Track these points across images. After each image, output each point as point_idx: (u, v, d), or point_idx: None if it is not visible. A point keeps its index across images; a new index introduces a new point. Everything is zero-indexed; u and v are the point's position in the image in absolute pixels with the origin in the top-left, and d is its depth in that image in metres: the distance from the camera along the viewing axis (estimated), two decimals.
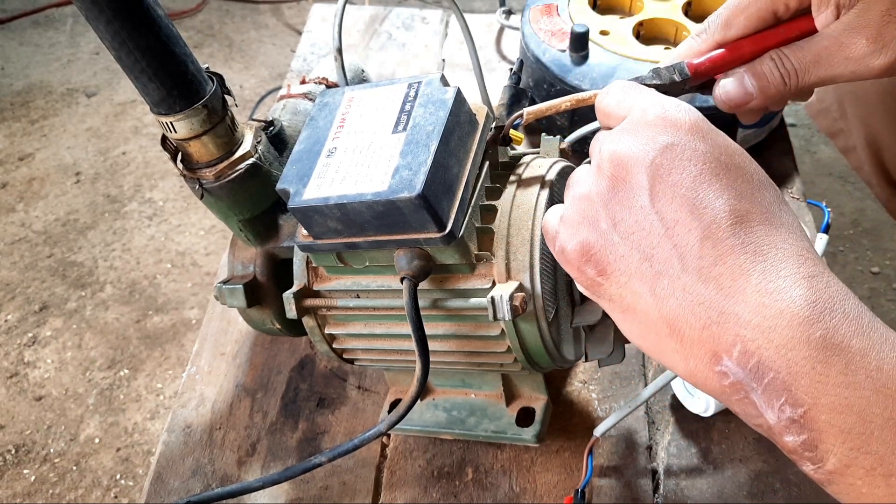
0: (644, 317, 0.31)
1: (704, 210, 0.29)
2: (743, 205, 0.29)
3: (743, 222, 0.29)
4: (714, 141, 0.31)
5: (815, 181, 1.70)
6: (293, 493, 0.60)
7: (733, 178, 0.30)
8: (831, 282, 0.28)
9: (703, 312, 0.28)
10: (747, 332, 0.27)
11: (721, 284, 0.28)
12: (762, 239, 0.29)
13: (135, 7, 0.41)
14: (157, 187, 1.85)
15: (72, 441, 1.37)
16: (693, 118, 0.32)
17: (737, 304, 0.28)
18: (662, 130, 0.31)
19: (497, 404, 0.58)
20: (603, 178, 0.32)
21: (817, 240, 0.67)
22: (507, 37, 1.01)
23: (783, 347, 0.26)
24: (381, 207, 0.41)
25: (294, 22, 2.33)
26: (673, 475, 0.57)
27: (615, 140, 0.32)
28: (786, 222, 0.30)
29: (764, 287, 0.27)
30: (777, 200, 0.31)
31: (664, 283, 0.30)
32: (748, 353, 0.27)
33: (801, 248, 0.29)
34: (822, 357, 0.26)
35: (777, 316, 0.27)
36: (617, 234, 0.31)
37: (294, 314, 0.50)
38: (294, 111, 0.58)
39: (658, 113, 0.32)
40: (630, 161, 0.31)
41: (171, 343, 1.51)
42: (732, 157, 0.31)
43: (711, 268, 0.28)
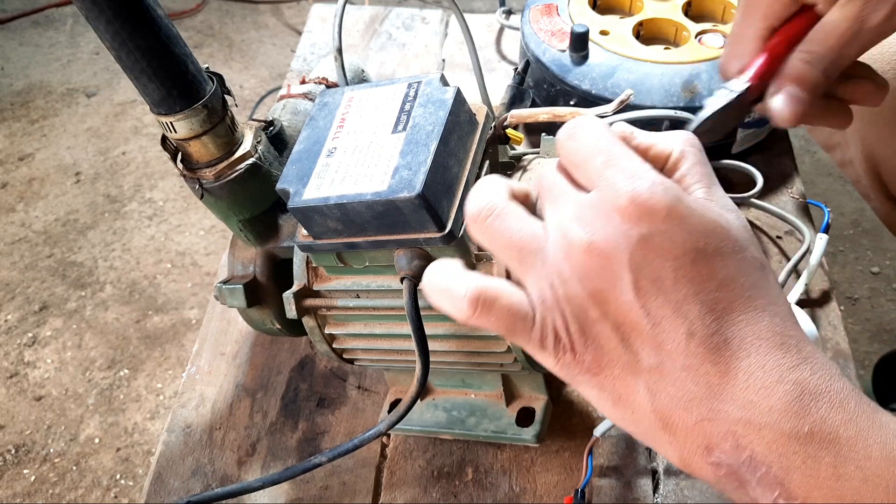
0: (636, 408, 0.31)
1: (688, 307, 0.29)
2: (725, 294, 0.29)
3: (725, 314, 0.29)
4: (691, 226, 0.29)
5: (815, 181, 1.70)
6: (293, 493, 0.60)
7: (714, 265, 0.29)
8: (816, 366, 0.29)
9: (694, 409, 0.29)
10: (738, 428, 0.28)
11: (710, 382, 0.29)
12: (745, 331, 0.29)
13: (135, 7, 0.41)
14: (157, 187, 1.85)
15: (72, 441, 1.37)
16: (667, 202, 0.29)
17: (726, 403, 0.28)
18: (637, 220, 0.29)
19: (497, 404, 0.58)
20: (580, 264, 0.30)
21: (817, 240, 0.68)
22: (507, 37, 1.01)
23: (774, 443, 0.28)
24: (381, 207, 0.41)
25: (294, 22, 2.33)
26: (673, 475, 0.57)
27: (586, 224, 0.30)
28: (768, 302, 0.30)
29: (751, 384, 0.28)
30: (759, 275, 0.30)
31: (655, 377, 0.30)
32: (740, 448, 0.28)
33: (785, 334, 0.29)
34: (812, 451, 0.27)
35: (766, 413, 0.28)
36: (609, 323, 0.30)
37: (294, 314, 0.50)
38: (294, 111, 0.58)
39: (630, 197, 0.29)
40: (608, 254, 0.29)
41: (171, 343, 1.51)
42: (710, 240, 0.29)
43: (699, 366, 0.29)
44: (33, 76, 2.20)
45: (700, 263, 0.29)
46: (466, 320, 0.32)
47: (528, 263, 0.32)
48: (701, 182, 0.32)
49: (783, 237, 0.73)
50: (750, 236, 0.31)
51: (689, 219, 0.29)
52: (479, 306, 0.32)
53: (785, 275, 0.67)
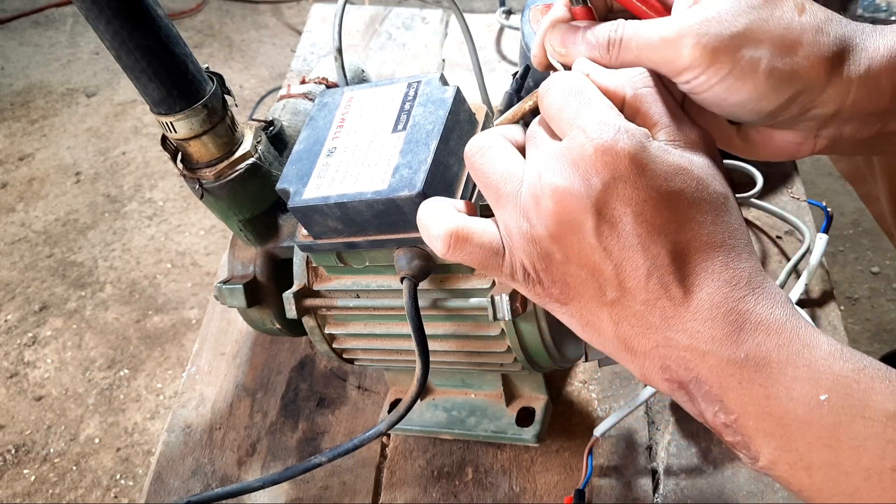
0: (602, 333, 0.34)
1: (647, 249, 0.31)
2: (684, 235, 0.32)
3: (685, 254, 0.32)
4: (653, 171, 0.31)
5: (816, 181, 1.70)
6: (293, 493, 0.60)
7: (675, 208, 0.31)
8: (760, 297, 0.31)
9: (651, 336, 0.32)
10: (686, 353, 0.32)
11: (665, 315, 0.32)
12: (701, 267, 0.32)
13: (135, 7, 0.41)
14: (157, 187, 1.85)
15: (72, 441, 1.37)
16: (629, 149, 0.31)
17: (678, 332, 0.32)
18: (602, 167, 0.31)
19: (497, 404, 0.58)
20: (547, 207, 0.32)
21: (817, 240, 0.67)
22: (506, 37, 1.01)
23: (714, 367, 0.31)
24: (381, 206, 0.41)
25: (294, 22, 2.33)
26: (673, 475, 0.57)
27: (555, 171, 0.32)
28: (726, 237, 0.32)
29: (699, 316, 0.31)
30: (721, 210, 0.32)
31: (618, 309, 0.33)
32: (688, 370, 0.32)
33: (737, 268, 0.32)
34: (746, 375, 0.30)
35: (709, 341, 0.31)
36: (573, 264, 0.33)
37: (294, 314, 0.50)
38: (294, 111, 0.58)
39: (595, 145, 0.31)
40: (572, 200, 0.32)
41: (171, 343, 1.51)
42: (672, 184, 0.31)
43: (656, 301, 0.32)
44: (33, 76, 2.20)
45: (661, 207, 0.31)
46: (443, 256, 0.35)
47: (503, 202, 0.34)
48: (661, 122, 0.33)
49: (783, 237, 0.73)
50: (712, 170, 0.33)
51: (650, 164, 0.31)
52: (453, 243, 0.35)
53: (785, 275, 0.67)
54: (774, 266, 0.71)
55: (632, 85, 0.34)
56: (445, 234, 0.35)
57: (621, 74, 0.34)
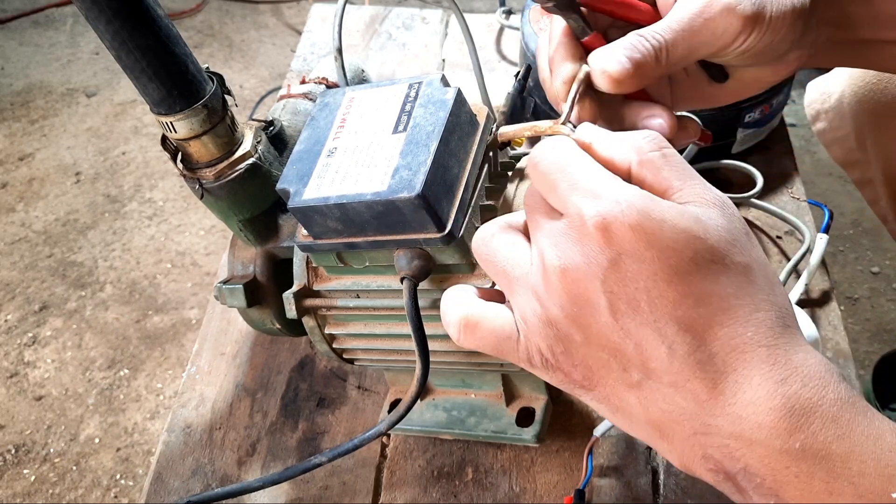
0: (634, 418, 0.32)
1: (666, 327, 0.29)
2: (703, 310, 0.29)
3: (706, 330, 0.29)
4: (661, 242, 0.29)
5: (816, 181, 1.70)
6: (293, 493, 0.60)
7: (689, 280, 0.29)
8: (807, 377, 0.28)
9: (686, 422, 0.30)
10: (730, 441, 0.29)
11: (698, 398, 0.29)
12: (729, 345, 0.29)
13: (135, 7, 0.41)
14: (157, 187, 1.85)
15: (72, 441, 1.37)
16: (632, 221, 0.29)
17: (717, 418, 0.29)
18: (605, 243, 0.29)
19: (497, 404, 0.58)
20: (558, 289, 0.31)
21: (817, 240, 0.67)
22: (507, 37, 1.01)
23: (766, 458, 0.28)
24: (381, 207, 0.41)
25: (294, 22, 2.33)
26: (673, 475, 0.57)
27: (560, 252, 0.31)
28: (753, 309, 0.29)
29: (739, 399, 0.28)
30: (742, 280, 0.30)
31: (646, 393, 0.30)
32: (735, 459, 0.29)
33: (771, 344, 0.29)
34: (805, 468, 0.27)
35: (755, 429, 0.28)
36: (594, 346, 0.31)
37: (294, 314, 0.50)
38: (294, 111, 0.58)
39: (595, 222, 0.29)
40: (581, 278, 0.30)
41: (171, 343, 1.51)
42: (683, 255, 0.29)
43: (686, 382, 0.29)
44: (33, 76, 2.20)
45: (674, 281, 0.29)
46: (457, 343, 0.35)
47: (514, 287, 0.33)
48: (670, 185, 0.31)
49: (783, 237, 0.73)
50: (731, 236, 0.30)
51: (657, 235, 0.29)
52: (463, 329, 0.35)
53: (785, 275, 0.67)
54: (774, 266, 0.71)
55: (638, 150, 0.32)
56: (456, 321, 0.35)
57: (626, 140, 0.33)
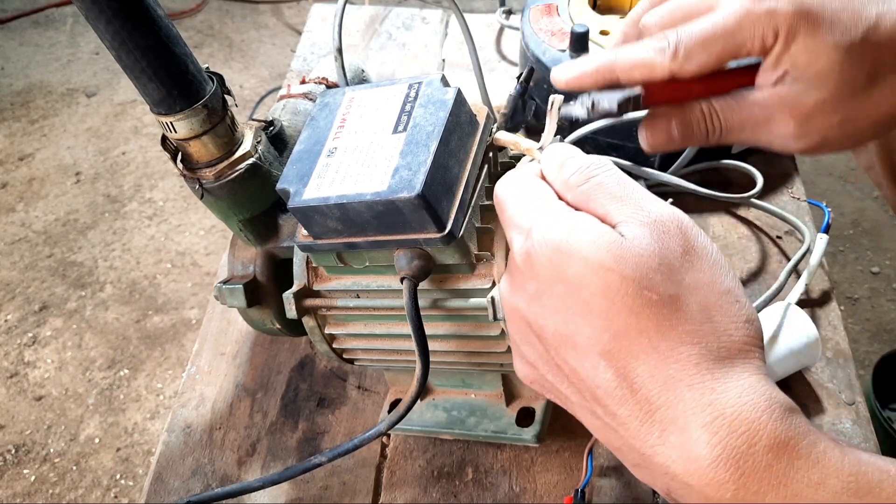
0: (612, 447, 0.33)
1: (586, 360, 0.30)
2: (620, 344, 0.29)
3: (626, 367, 0.29)
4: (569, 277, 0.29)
5: (816, 181, 1.70)
6: (293, 493, 0.60)
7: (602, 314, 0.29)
8: (735, 423, 0.27)
9: (635, 456, 0.30)
10: (670, 481, 0.29)
11: (630, 431, 0.29)
12: (649, 381, 0.28)
13: (135, 7, 0.41)
14: (157, 187, 1.85)
15: (72, 441, 1.37)
16: (547, 255, 0.30)
17: (657, 455, 0.29)
18: (526, 276, 0.31)
19: (497, 404, 0.58)
20: (509, 316, 0.34)
21: (817, 240, 0.67)
22: (507, 37, 1.01)
23: (704, 500, 0.28)
24: (381, 207, 0.41)
25: (294, 22, 2.33)
26: None
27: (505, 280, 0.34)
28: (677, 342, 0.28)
29: (667, 440, 0.28)
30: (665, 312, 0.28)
31: (601, 423, 0.31)
32: (680, 496, 0.29)
33: (694, 384, 0.28)
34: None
35: (689, 474, 0.28)
36: (541, 370, 0.33)
37: (294, 314, 0.50)
38: (294, 111, 0.58)
39: (522, 253, 0.31)
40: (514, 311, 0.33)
41: (171, 343, 1.51)
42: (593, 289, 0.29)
43: (616, 415, 0.30)
44: (33, 76, 2.20)
45: (588, 315, 0.29)
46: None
47: None
48: (605, 211, 0.31)
49: (783, 237, 0.73)
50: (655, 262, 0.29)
51: (568, 269, 0.29)
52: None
53: (785, 275, 0.67)
54: (774, 266, 0.71)
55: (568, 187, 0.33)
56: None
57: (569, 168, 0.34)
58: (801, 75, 0.39)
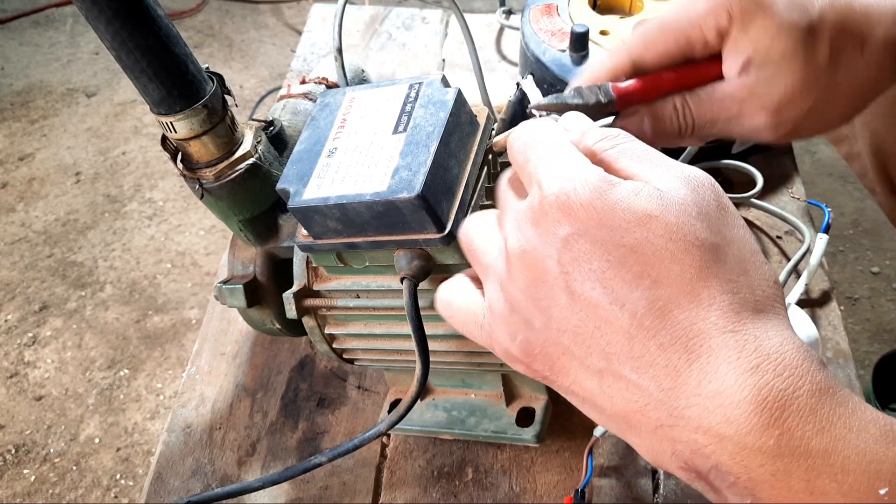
0: (600, 409, 0.30)
1: (622, 307, 0.27)
2: (661, 291, 0.27)
3: (665, 312, 0.27)
4: (614, 221, 0.28)
5: (816, 181, 1.70)
6: (293, 493, 0.60)
7: (643, 261, 0.27)
8: (780, 366, 0.26)
9: (652, 412, 0.27)
10: (698, 436, 0.26)
11: (661, 384, 0.27)
12: (689, 330, 0.27)
13: (135, 7, 0.41)
14: (157, 187, 1.85)
15: (72, 441, 1.37)
16: (584, 199, 0.28)
17: (683, 407, 0.26)
18: (559, 221, 0.29)
19: (497, 404, 0.58)
20: (519, 273, 0.30)
21: (817, 240, 0.67)
22: (507, 37, 1.01)
23: (738, 455, 0.25)
24: (381, 208, 0.41)
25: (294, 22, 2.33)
26: (673, 475, 0.57)
27: (519, 234, 0.30)
28: (719, 291, 0.27)
29: (705, 389, 0.26)
30: (707, 259, 0.28)
31: (609, 381, 0.29)
32: (705, 457, 0.26)
33: (738, 330, 0.27)
34: (782, 465, 0.25)
35: (724, 424, 0.26)
36: (553, 330, 0.30)
37: (294, 314, 0.50)
38: (294, 111, 0.58)
39: (555, 196, 0.29)
40: (538, 259, 0.29)
41: (171, 343, 1.51)
42: (638, 234, 0.27)
43: (647, 369, 0.27)
44: (33, 76, 2.20)
45: (629, 261, 0.27)
46: (442, 316, 0.37)
47: (485, 275, 0.34)
48: (631, 163, 0.30)
49: (783, 237, 0.73)
50: (695, 210, 0.28)
51: (611, 214, 0.28)
52: (442, 306, 0.38)
53: (785, 275, 0.67)
54: (774, 266, 0.71)
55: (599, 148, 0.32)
56: (438, 298, 0.38)
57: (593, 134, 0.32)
58: (764, 60, 0.39)
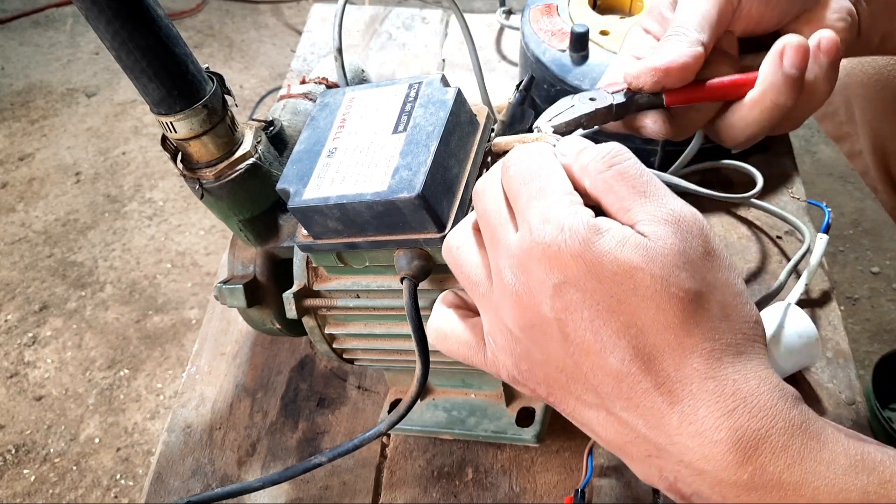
0: (597, 435, 0.33)
1: (611, 354, 0.29)
2: (647, 339, 0.29)
3: (652, 359, 0.29)
4: (602, 272, 0.29)
5: (816, 181, 1.70)
6: (293, 493, 0.60)
7: (630, 311, 0.29)
8: (755, 408, 0.28)
9: (642, 445, 0.30)
10: (681, 468, 0.29)
11: (648, 423, 0.29)
12: (672, 376, 0.29)
13: (135, 7, 0.41)
14: (157, 187, 1.85)
15: (72, 441, 1.37)
16: (572, 250, 0.29)
17: (667, 444, 0.29)
18: (551, 269, 0.30)
19: (497, 404, 0.58)
20: (517, 313, 0.32)
21: (817, 240, 0.67)
22: (507, 37, 1.01)
23: (716, 487, 0.28)
24: (381, 207, 0.41)
25: (294, 22, 2.33)
26: None
27: (511, 273, 0.31)
28: (701, 339, 0.29)
29: (686, 430, 0.28)
30: (690, 309, 0.29)
31: (602, 414, 0.31)
32: (687, 485, 0.29)
33: (718, 376, 0.29)
34: (755, 497, 0.27)
35: (703, 460, 0.28)
36: (552, 367, 0.32)
37: (294, 314, 0.50)
38: (294, 111, 0.58)
39: (546, 245, 0.30)
40: (533, 304, 0.31)
41: (171, 343, 1.51)
42: (625, 285, 0.29)
43: (635, 408, 0.29)
44: (33, 76, 2.20)
45: (617, 311, 0.29)
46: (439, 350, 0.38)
47: (482, 304, 0.35)
48: (621, 205, 0.31)
49: (783, 237, 0.73)
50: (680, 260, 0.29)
51: (599, 266, 0.29)
52: (437, 339, 0.38)
53: (785, 275, 0.67)
54: (774, 266, 0.71)
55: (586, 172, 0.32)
56: (432, 330, 0.38)
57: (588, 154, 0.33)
58: None
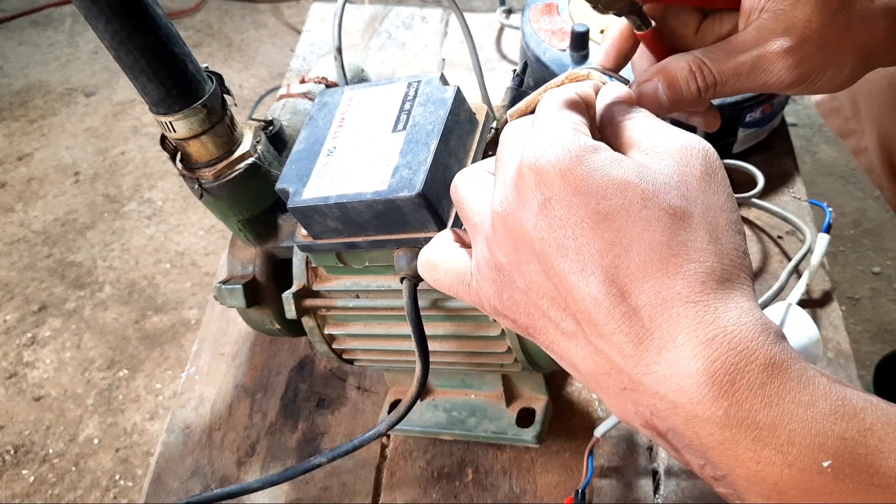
0: (574, 368, 0.32)
1: (591, 276, 0.28)
2: (629, 259, 0.28)
3: (632, 281, 0.28)
4: (589, 187, 0.28)
5: (816, 181, 1.70)
6: (293, 494, 0.60)
7: (615, 228, 0.28)
8: (735, 340, 0.27)
9: (616, 377, 0.29)
10: (656, 401, 0.28)
11: (623, 352, 0.28)
12: (654, 299, 0.28)
13: (134, 7, 0.41)
14: (156, 187, 1.85)
15: (71, 441, 1.37)
16: (558, 165, 0.29)
17: (643, 375, 0.28)
18: (535, 186, 0.29)
19: (497, 405, 0.58)
20: (502, 236, 0.31)
21: (818, 240, 0.67)
22: (507, 36, 1.01)
23: (690, 422, 0.27)
24: (381, 206, 0.41)
25: (294, 21, 2.33)
26: (673, 475, 0.57)
27: (503, 197, 0.31)
28: (684, 261, 0.28)
29: (663, 358, 0.27)
30: (676, 228, 0.28)
31: (579, 343, 0.30)
32: (662, 419, 0.28)
33: (700, 301, 0.27)
34: (729, 435, 0.26)
35: (678, 392, 0.27)
36: (533, 293, 0.31)
37: (293, 314, 0.50)
38: (293, 111, 0.58)
39: (527, 163, 0.29)
40: (517, 224, 0.30)
41: (171, 343, 1.51)
42: (612, 201, 0.28)
43: (611, 336, 0.28)
44: (32, 76, 2.20)
45: (600, 228, 0.28)
46: (424, 279, 0.37)
47: (475, 234, 0.34)
48: (631, 141, 0.31)
49: (784, 237, 0.73)
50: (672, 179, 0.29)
51: (588, 180, 0.28)
52: (426, 269, 0.37)
53: (786, 275, 0.66)
54: (775, 266, 0.71)
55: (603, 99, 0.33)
56: (422, 260, 0.37)
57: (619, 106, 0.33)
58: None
